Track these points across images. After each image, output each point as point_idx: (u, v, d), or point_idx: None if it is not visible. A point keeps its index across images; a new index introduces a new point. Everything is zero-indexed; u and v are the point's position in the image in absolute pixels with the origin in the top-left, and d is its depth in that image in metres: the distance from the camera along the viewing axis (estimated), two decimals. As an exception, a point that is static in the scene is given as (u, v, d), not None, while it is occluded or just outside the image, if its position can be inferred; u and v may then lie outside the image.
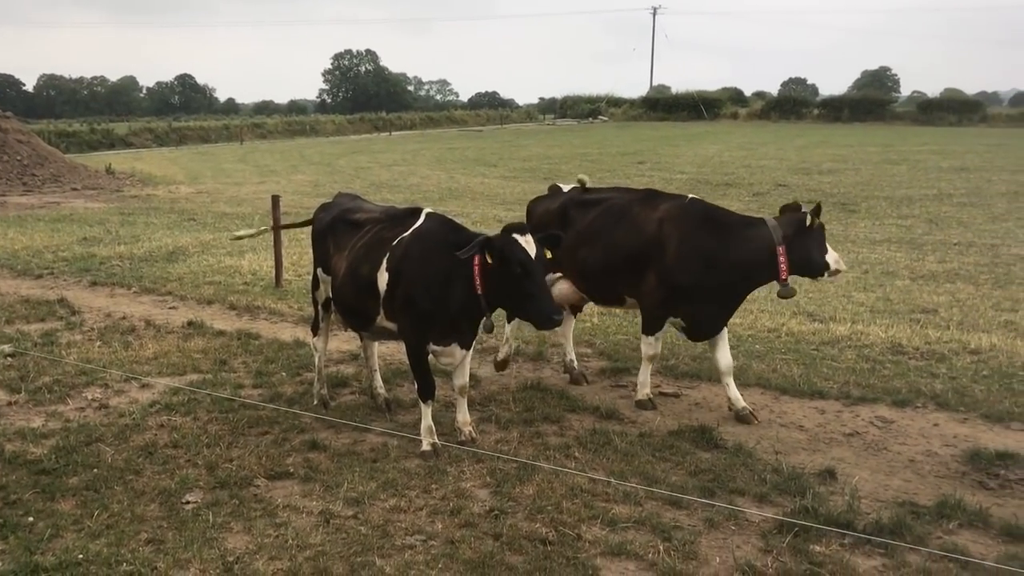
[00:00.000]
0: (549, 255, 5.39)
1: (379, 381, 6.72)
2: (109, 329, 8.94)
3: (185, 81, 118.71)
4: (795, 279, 6.26)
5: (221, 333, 8.75)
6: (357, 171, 29.63)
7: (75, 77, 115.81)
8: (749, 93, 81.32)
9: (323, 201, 6.98)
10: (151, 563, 4.32)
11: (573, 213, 6.88)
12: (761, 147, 37.10)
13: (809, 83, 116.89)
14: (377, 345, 6.76)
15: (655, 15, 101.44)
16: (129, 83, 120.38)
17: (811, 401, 6.75)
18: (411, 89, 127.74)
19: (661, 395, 6.89)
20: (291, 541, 4.53)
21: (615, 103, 78.97)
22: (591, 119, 74.04)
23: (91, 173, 27.36)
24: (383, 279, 5.66)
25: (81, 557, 4.36)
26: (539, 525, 4.70)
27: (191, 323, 9.11)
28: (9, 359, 7.78)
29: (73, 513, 4.86)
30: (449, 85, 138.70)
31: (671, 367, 7.56)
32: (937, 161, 28.84)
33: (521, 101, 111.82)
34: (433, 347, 5.64)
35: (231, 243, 14.29)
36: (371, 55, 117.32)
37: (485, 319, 5.45)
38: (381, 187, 23.59)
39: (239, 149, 46.44)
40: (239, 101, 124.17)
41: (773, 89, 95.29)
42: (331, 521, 4.75)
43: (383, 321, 5.85)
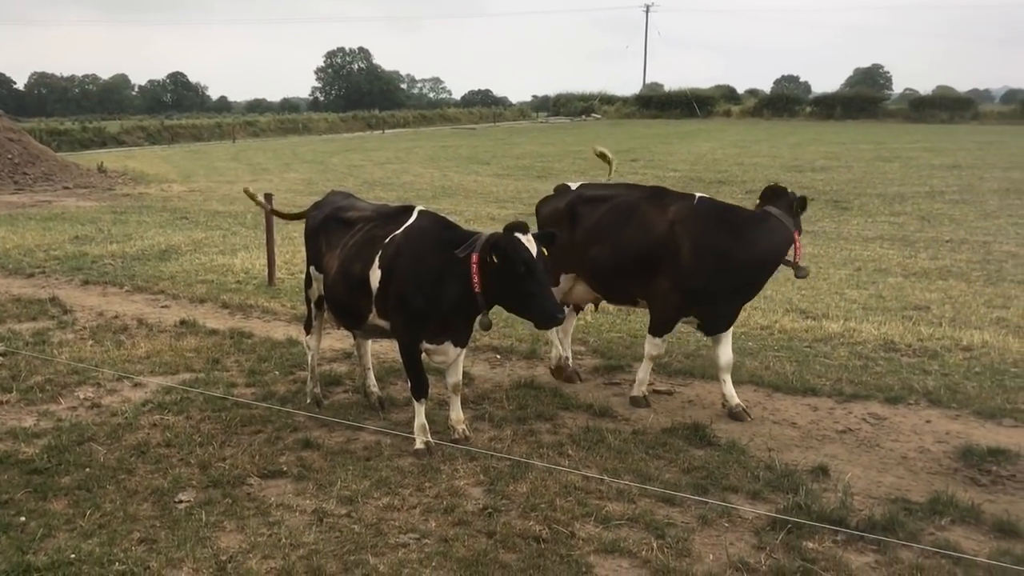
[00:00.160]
0: (546, 253, 5.39)
1: (372, 379, 6.71)
2: (101, 328, 8.91)
3: (177, 79, 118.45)
4: (786, 275, 6.29)
5: (214, 332, 8.72)
6: (350, 169, 29.57)
7: (66, 75, 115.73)
8: (742, 91, 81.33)
9: (316, 199, 6.96)
10: (144, 562, 4.31)
11: (581, 210, 6.77)
12: (754, 145, 37.13)
13: (802, 81, 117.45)
14: (370, 343, 6.75)
15: (648, 13, 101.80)
16: (121, 81, 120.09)
17: (804, 398, 6.77)
18: (404, 87, 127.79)
19: (655, 392, 6.90)
20: (284, 540, 4.52)
21: (608, 101, 78.87)
22: (584, 117, 73.96)
23: (83, 171, 27.24)
24: (375, 277, 5.65)
25: (73, 557, 4.34)
26: (532, 523, 4.70)
27: (184, 322, 9.09)
28: (0, 358, 7.75)
29: (65, 512, 4.84)
30: (442, 83, 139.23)
31: (664, 365, 7.57)
32: (929, 158, 28.87)
33: (514, 99, 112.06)
34: (426, 345, 5.63)
35: (223, 242, 14.27)
36: (364, 53, 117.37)
37: (482, 316, 5.44)
38: (374, 185, 23.56)
39: (231, 147, 46.32)
40: (231, 99, 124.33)
41: (766, 87, 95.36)
42: (324, 520, 4.75)
43: (375, 319, 5.84)
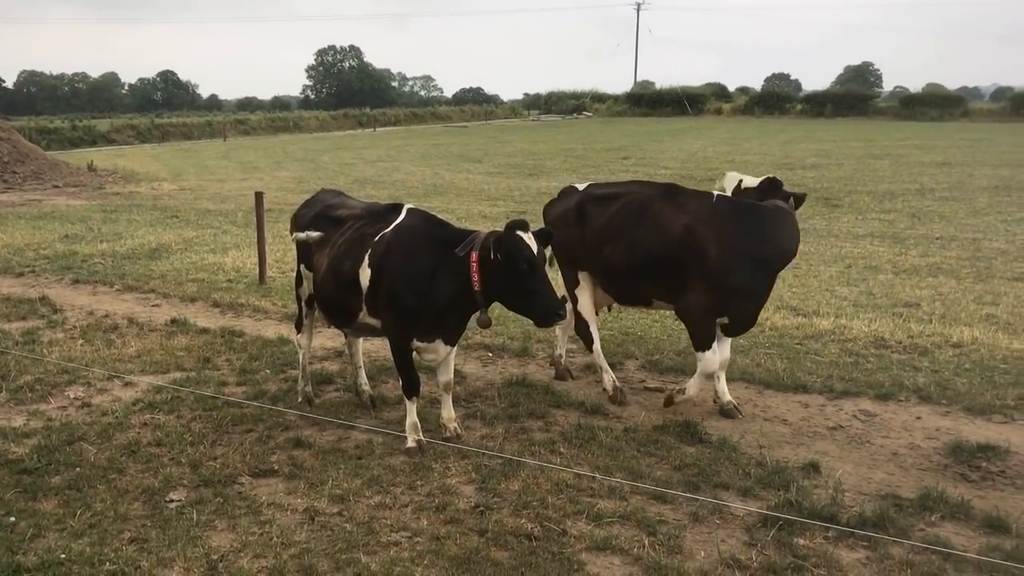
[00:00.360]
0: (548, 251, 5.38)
1: (364, 378, 6.70)
2: (91, 327, 8.87)
3: (167, 77, 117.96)
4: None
5: (204, 331, 8.70)
6: (341, 167, 29.49)
7: (56, 73, 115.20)
8: (733, 88, 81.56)
9: (306, 197, 6.94)
10: (135, 562, 4.29)
11: (590, 209, 6.60)
12: (745, 142, 37.22)
13: (792, 79, 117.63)
14: (362, 342, 6.74)
15: (639, 11, 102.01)
16: (111, 79, 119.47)
17: (795, 395, 6.79)
18: (395, 85, 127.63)
19: (645, 390, 6.92)
20: (276, 539, 4.52)
21: (599, 99, 78.94)
22: (575, 115, 74.00)
23: (73, 170, 27.08)
24: (365, 275, 5.63)
25: (64, 557, 4.32)
26: (524, 521, 4.70)
27: (174, 321, 9.05)
28: (-11, 358, 7.71)
29: (55, 512, 4.82)
30: (433, 81, 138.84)
31: (656, 362, 7.59)
32: (919, 156, 29.00)
33: (505, 97, 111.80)
34: (417, 343, 5.61)
35: (213, 240, 14.23)
36: (355, 51, 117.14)
37: (481, 314, 5.43)
38: (365, 183, 23.50)
39: (222, 146, 46.12)
40: (222, 97, 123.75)
41: (757, 84, 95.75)
42: (316, 518, 4.74)
43: (365, 317, 5.82)
